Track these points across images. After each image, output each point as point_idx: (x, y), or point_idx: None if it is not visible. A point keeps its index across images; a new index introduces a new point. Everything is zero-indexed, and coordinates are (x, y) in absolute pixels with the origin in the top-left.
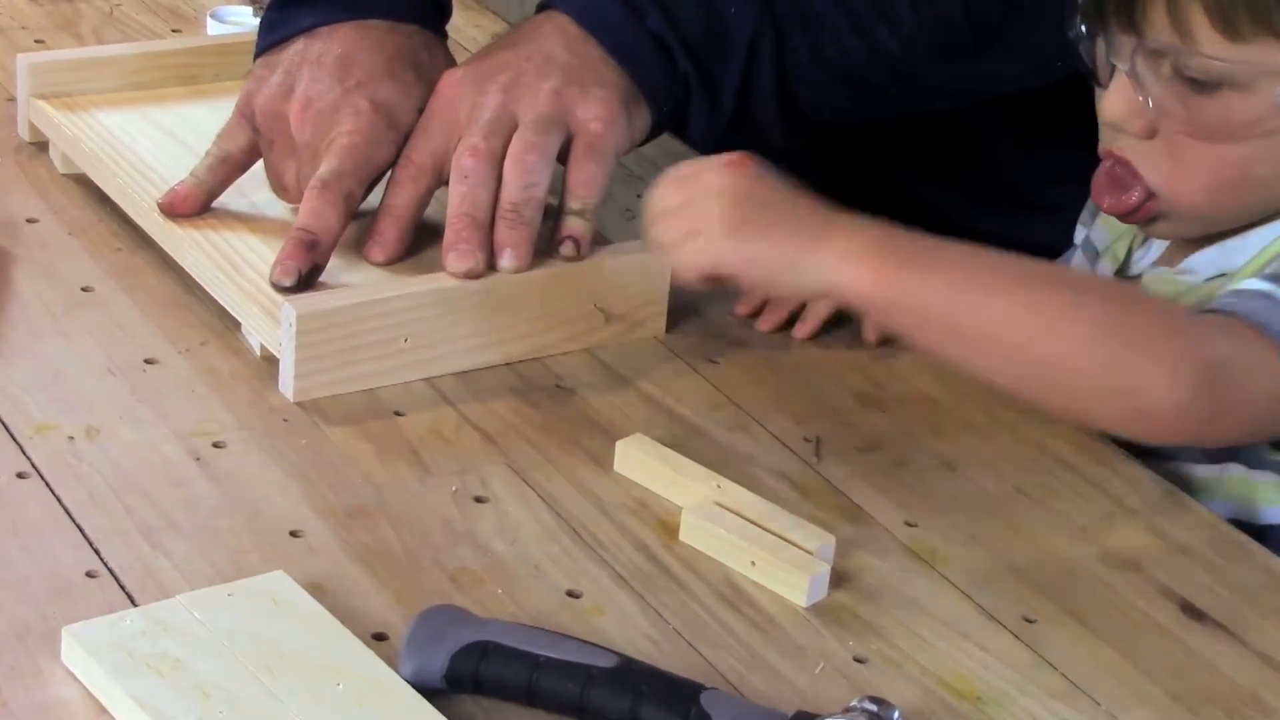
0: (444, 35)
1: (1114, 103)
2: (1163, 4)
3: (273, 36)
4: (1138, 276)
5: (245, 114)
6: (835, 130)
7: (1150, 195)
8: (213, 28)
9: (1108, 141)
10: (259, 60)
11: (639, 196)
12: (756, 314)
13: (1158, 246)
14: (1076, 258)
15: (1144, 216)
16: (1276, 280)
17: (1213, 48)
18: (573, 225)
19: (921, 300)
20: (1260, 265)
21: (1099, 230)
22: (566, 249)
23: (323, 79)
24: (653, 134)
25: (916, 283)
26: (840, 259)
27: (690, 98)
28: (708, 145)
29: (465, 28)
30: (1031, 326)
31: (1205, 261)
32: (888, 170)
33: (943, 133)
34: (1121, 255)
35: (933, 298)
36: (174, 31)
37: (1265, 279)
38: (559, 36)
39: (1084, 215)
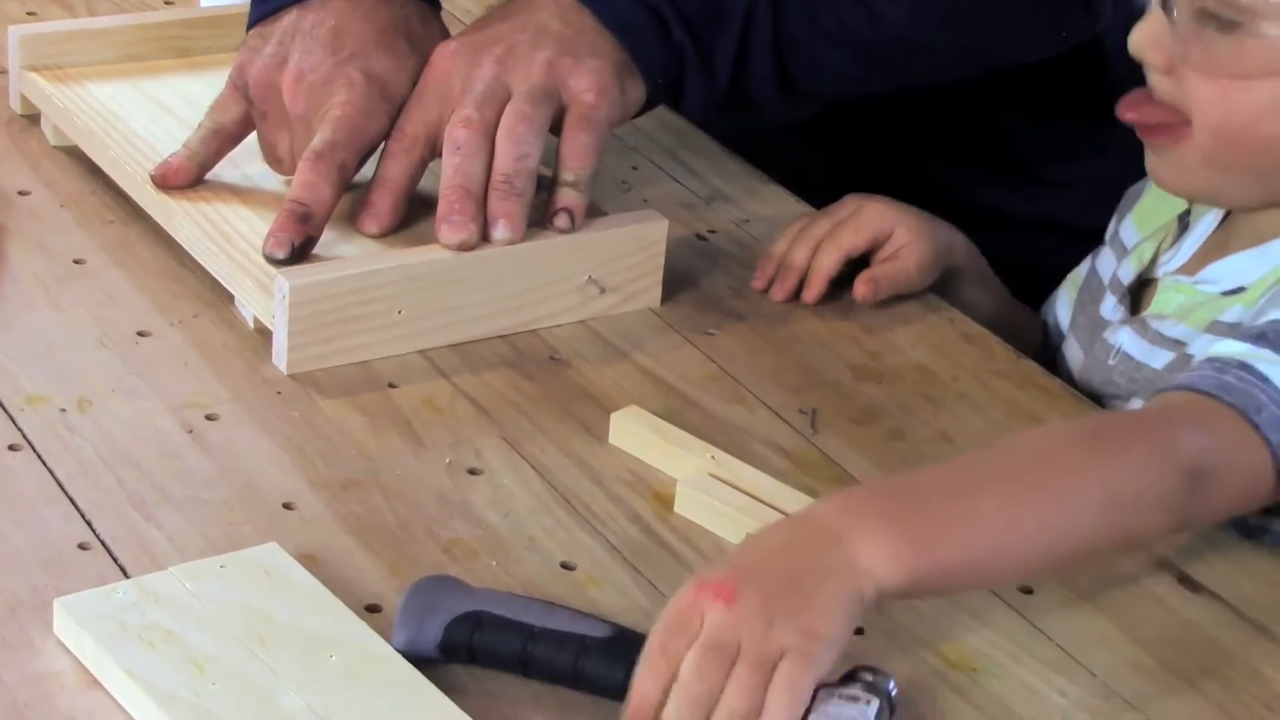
0: (438, 6)
1: (1140, 33)
2: None
3: (265, 7)
4: (1155, 281)
5: (238, 85)
6: (834, 104)
7: (1176, 116)
8: (206, 0)
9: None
10: (252, 31)
11: (634, 168)
12: (765, 289)
13: (1183, 252)
14: (1104, 254)
15: (1168, 136)
16: (1260, 340)
17: None
18: (566, 197)
19: (950, 563)
20: (1273, 282)
21: (1129, 229)
22: (560, 220)
23: (316, 50)
24: (647, 106)
25: (936, 550)
26: (861, 575)
27: (685, 70)
28: (703, 116)
29: (464, 1)
30: (1050, 532)
31: (1224, 272)
32: (899, 147)
33: (954, 109)
34: (1147, 258)
35: (956, 554)
36: (167, 3)
37: (1249, 339)
38: (553, 7)
39: (1121, 204)
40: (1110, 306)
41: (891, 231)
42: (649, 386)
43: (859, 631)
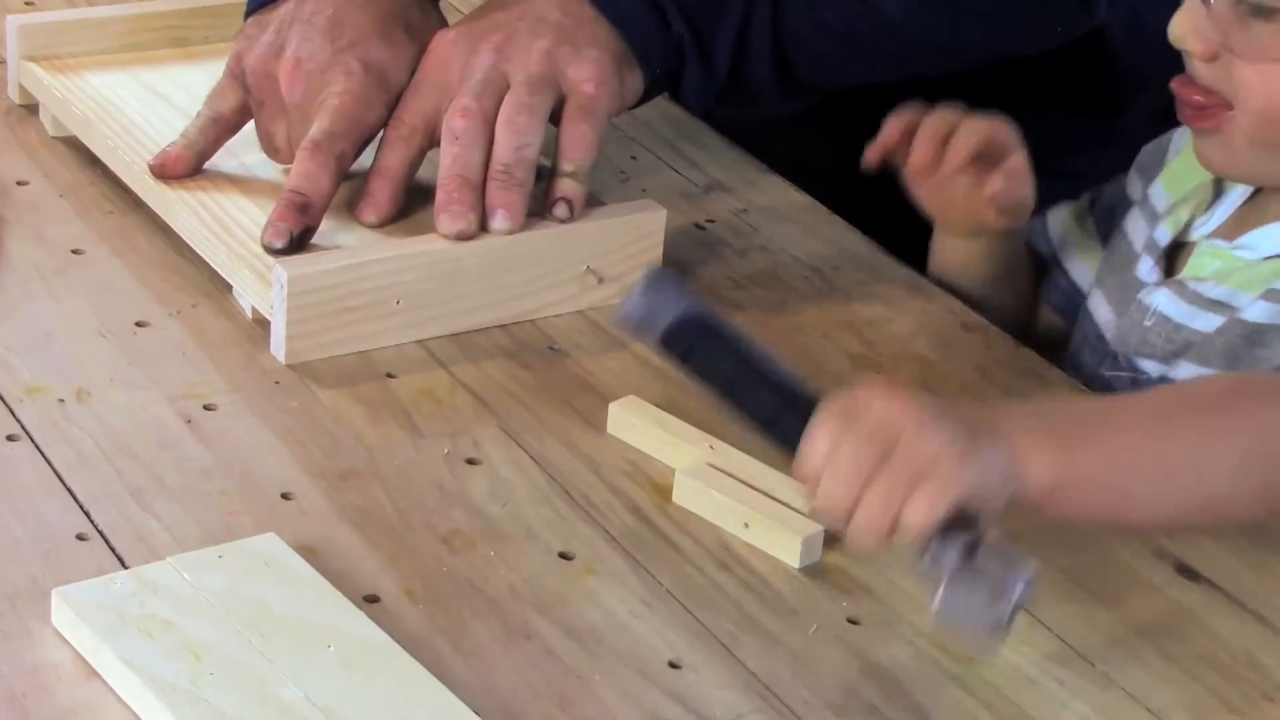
0: None
1: (1180, 21)
2: None
3: None
4: (1189, 244)
5: (236, 74)
6: (833, 95)
7: (1219, 99)
8: None
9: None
10: (249, 19)
11: (633, 158)
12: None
13: (1218, 216)
14: (1133, 217)
15: (1213, 121)
16: None
17: None
18: (565, 187)
19: (1092, 473)
20: None
21: (1159, 192)
22: (559, 210)
23: (314, 39)
24: (645, 96)
25: (1079, 456)
26: (1015, 459)
27: (684, 60)
28: (702, 108)
29: None
30: (1191, 469)
31: (1263, 239)
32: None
33: (960, 100)
34: (1183, 221)
35: (1098, 465)
36: None
37: None
38: None
39: (1141, 162)
40: (1147, 269)
41: (1007, 146)
42: (647, 377)
43: (854, 622)
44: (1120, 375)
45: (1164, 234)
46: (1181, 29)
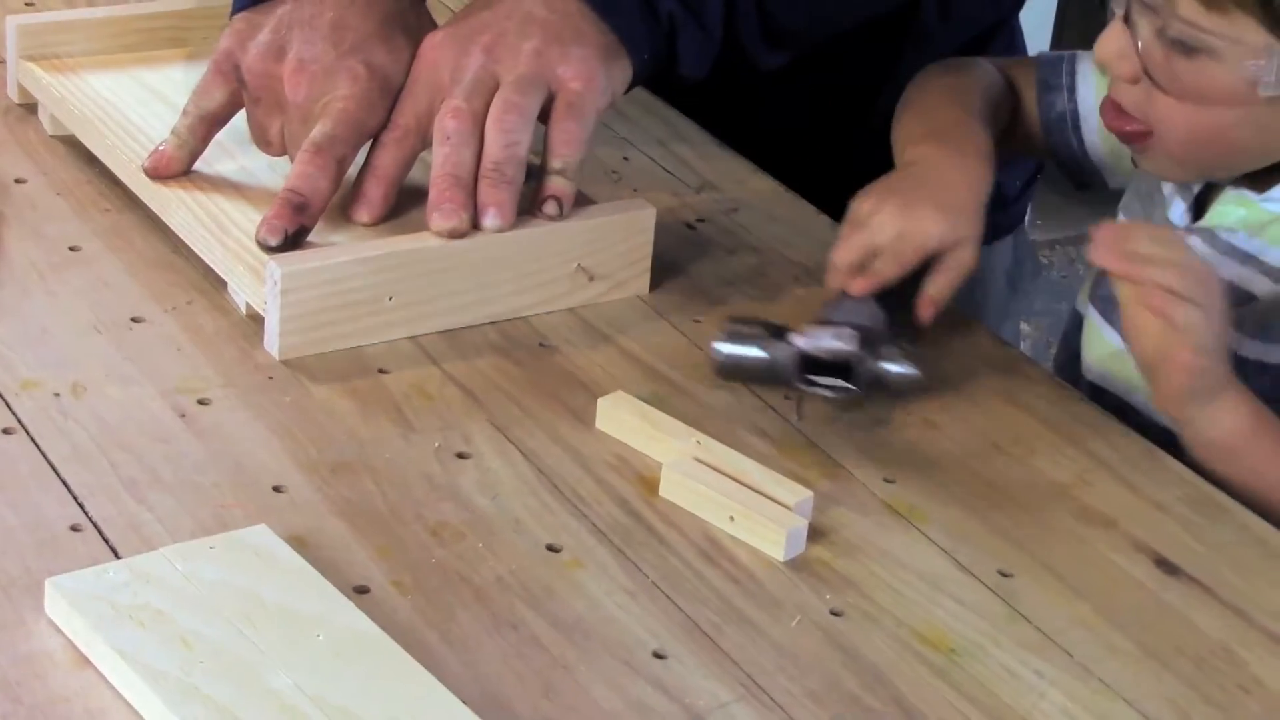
0: None
1: (1106, 43)
2: None
3: None
4: (1216, 189)
5: (224, 70)
6: (817, 48)
7: (1143, 125)
8: None
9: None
10: (239, 15)
11: (624, 158)
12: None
13: None
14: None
15: (1139, 143)
16: None
17: (1193, 14)
18: (555, 184)
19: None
20: None
21: None
22: (549, 208)
23: (317, 42)
24: (634, 82)
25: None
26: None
27: (678, 34)
28: (702, 74)
29: None
30: None
31: None
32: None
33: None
34: None
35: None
36: None
37: None
38: None
39: None
40: (1179, 213)
41: (937, 250)
42: (636, 372)
43: (837, 614)
44: None
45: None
46: (1106, 52)
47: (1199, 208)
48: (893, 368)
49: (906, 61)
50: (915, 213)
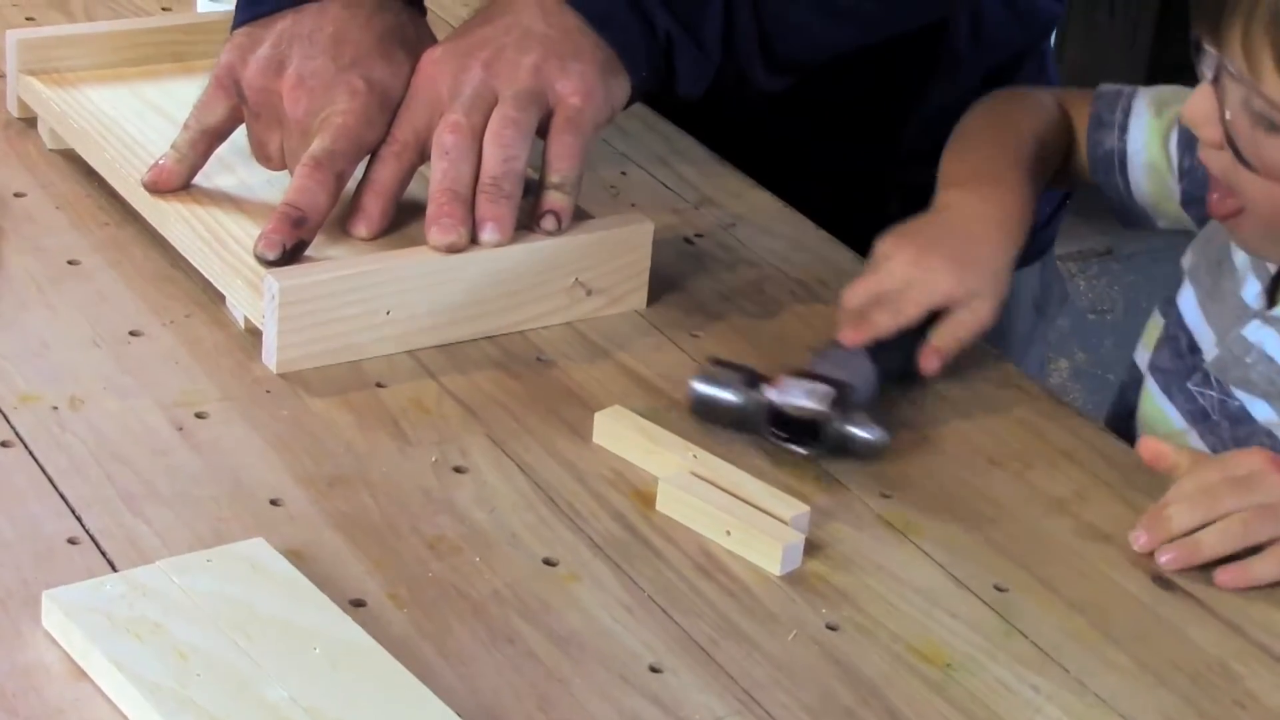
0: (424, 11)
1: (1194, 104)
2: (1239, 32)
3: (257, 9)
4: None
5: (225, 84)
6: (813, 69)
7: (1232, 205)
8: (203, 5)
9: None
10: (239, 30)
11: (623, 173)
12: None
13: None
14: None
15: (1230, 221)
16: None
17: (1275, 90)
18: (553, 199)
19: None
20: None
21: None
22: (547, 223)
23: (317, 56)
24: (633, 98)
25: None
26: None
27: (676, 53)
28: (698, 94)
29: (453, 5)
30: None
31: None
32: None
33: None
34: None
35: None
36: (164, 10)
37: None
38: (535, 8)
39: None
40: (1254, 293)
41: (943, 304)
42: (633, 387)
43: (833, 628)
44: (1208, 394)
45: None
46: (1195, 114)
47: (1276, 287)
48: (859, 432)
49: (937, 87)
50: (927, 263)
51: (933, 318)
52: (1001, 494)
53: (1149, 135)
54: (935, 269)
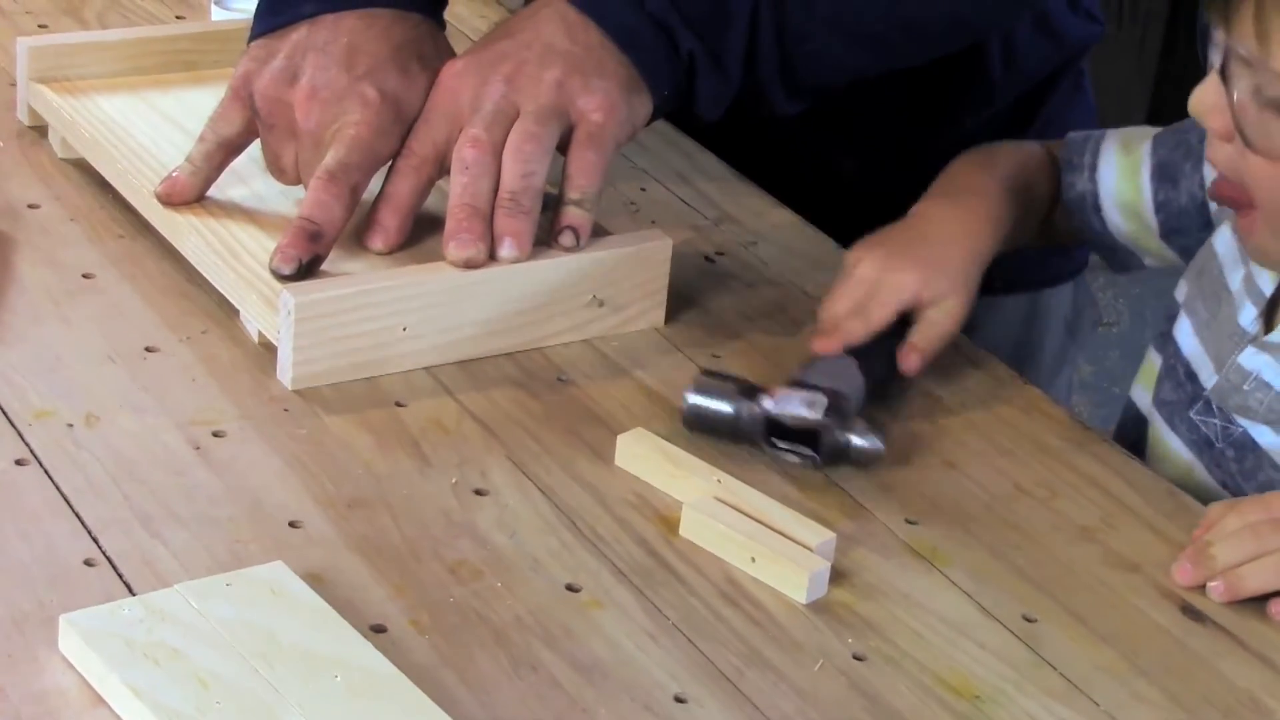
0: (443, 25)
1: (1201, 95)
2: (1251, 10)
3: (274, 20)
4: None
5: (241, 96)
6: (833, 93)
7: (1242, 194)
8: (216, 14)
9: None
10: (256, 42)
11: (642, 190)
12: None
13: None
14: (1224, 237)
15: (1241, 212)
16: None
17: None
18: (572, 215)
19: None
20: None
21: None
22: (566, 239)
23: (330, 67)
24: (654, 116)
25: None
26: None
27: (697, 74)
28: (717, 116)
29: (470, 18)
30: None
31: None
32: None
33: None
34: None
35: None
36: (178, 18)
37: None
38: (558, 23)
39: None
40: (1250, 318)
41: (912, 304)
42: (655, 408)
43: (859, 659)
44: (1210, 422)
45: (1267, 281)
46: (1202, 105)
47: (1273, 312)
48: (857, 440)
49: (968, 111)
50: (894, 264)
51: (909, 324)
52: (1028, 521)
53: (1119, 173)
54: (901, 270)
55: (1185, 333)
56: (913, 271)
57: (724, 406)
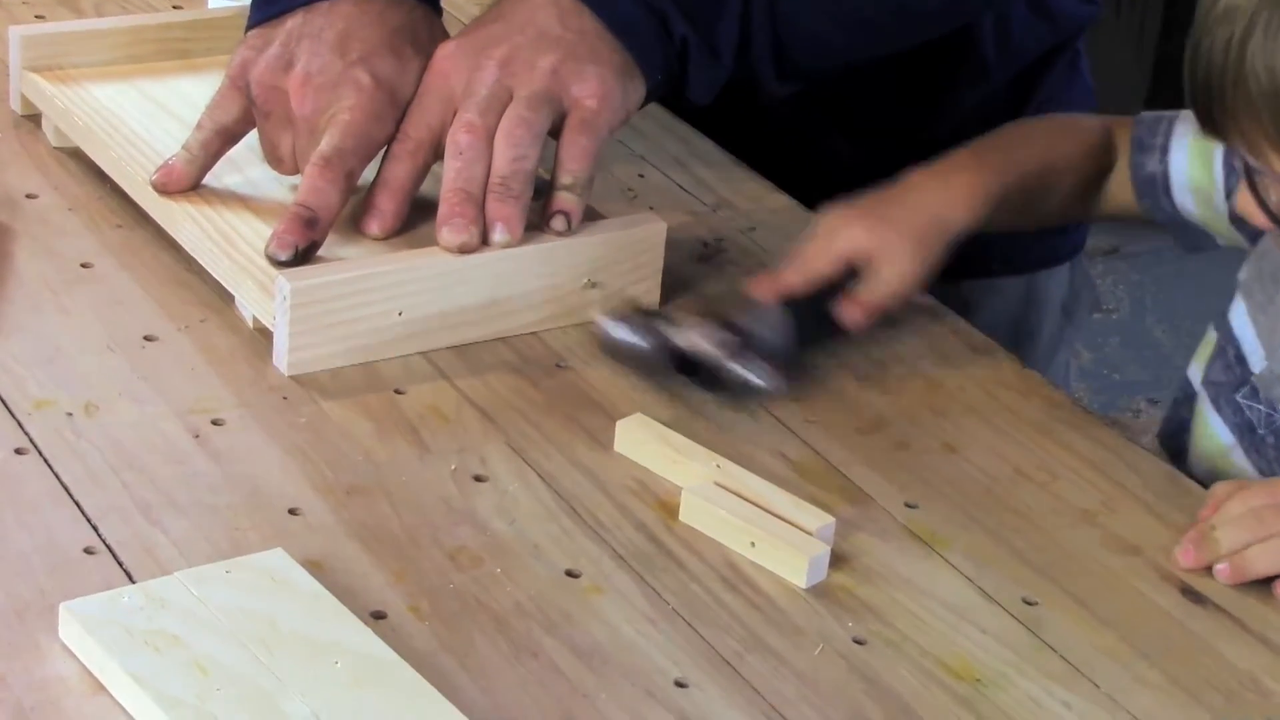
0: (439, 9)
1: (1240, 200)
2: (1236, 130)
3: (270, 9)
4: None
5: (238, 84)
6: (825, 77)
7: None
8: (213, 1)
9: None
10: (253, 31)
11: (640, 176)
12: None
13: None
14: None
15: None
16: None
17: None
18: (563, 199)
19: None
20: None
21: None
22: (557, 223)
23: (323, 53)
24: (646, 100)
25: None
26: None
27: (689, 60)
28: (709, 100)
29: (467, 5)
30: None
31: None
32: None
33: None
34: None
35: None
36: (175, 8)
37: None
38: (551, 8)
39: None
40: None
41: (867, 255)
42: (654, 394)
43: (860, 642)
44: (1255, 407)
45: None
46: (1243, 208)
47: None
48: (749, 376)
49: (964, 91)
50: (850, 219)
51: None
52: (1028, 505)
53: (1191, 157)
54: (855, 224)
55: (1240, 315)
56: (867, 227)
57: (635, 339)
